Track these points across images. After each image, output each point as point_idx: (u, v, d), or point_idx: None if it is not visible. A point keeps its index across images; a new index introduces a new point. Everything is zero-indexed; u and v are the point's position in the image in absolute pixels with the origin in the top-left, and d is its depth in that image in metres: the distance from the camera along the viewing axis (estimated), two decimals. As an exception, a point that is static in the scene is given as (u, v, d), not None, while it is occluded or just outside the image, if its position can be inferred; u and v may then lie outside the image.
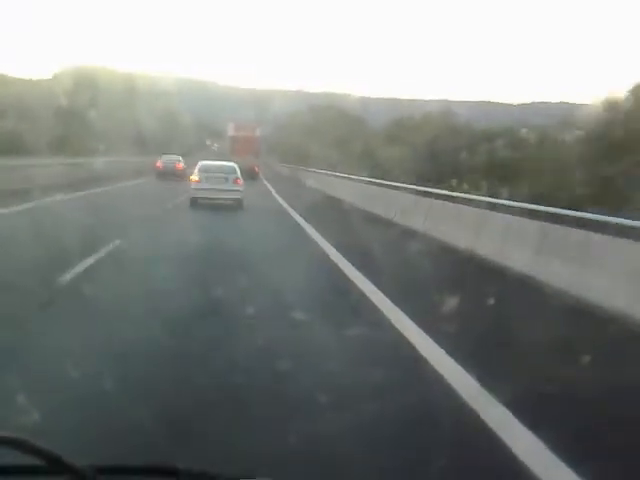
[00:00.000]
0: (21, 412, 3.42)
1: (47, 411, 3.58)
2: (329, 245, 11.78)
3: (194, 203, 18.58)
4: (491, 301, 7.12)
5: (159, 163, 36.20)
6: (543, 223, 9.14)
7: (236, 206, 18.69)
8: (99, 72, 50.73)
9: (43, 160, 25.20)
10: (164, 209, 17.26)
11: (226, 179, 19.02)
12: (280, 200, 24.18)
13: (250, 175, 42.46)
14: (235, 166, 20.25)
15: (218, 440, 3.62)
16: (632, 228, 7.50)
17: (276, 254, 10.80)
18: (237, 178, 19.17)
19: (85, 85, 42.70)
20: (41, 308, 6.38)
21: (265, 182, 37.91)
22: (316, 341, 5.71)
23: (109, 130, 38.70)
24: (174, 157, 37.99)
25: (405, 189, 17.62)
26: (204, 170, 19.26)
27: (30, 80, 49.02)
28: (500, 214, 10.99)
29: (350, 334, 5.77)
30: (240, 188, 19.08)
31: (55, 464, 1.30)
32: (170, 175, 33.07)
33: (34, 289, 6.89)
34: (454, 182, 25.45)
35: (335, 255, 10.63)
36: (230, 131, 48.46)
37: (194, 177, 19.08)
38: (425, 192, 15.73)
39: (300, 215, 17.53)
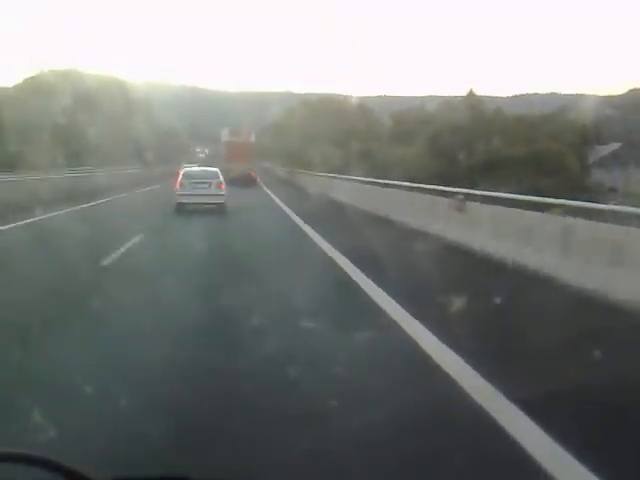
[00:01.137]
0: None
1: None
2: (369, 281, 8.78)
3: (180, 208, 19.25)
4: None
5: (180, 170, 43.06)
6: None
7: (219, 210, 19.29)
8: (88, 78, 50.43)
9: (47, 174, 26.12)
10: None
11: (209, 184, 19.71)
12: (287, 210, 21.61)
13: (247, 181, 41.26)
14: (217, 171, 20.94)
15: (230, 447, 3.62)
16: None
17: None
18: (220, 183, 19.96)
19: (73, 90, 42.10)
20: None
21: (269, 192, 34.34)
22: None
23: (102, 142, 39.93)
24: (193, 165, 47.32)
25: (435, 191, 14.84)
26: (188, 176, 20.01)
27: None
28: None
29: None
30: (223, 192, 19.85)
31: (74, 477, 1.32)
32: None
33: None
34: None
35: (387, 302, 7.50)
36: (224, 136, 47.11)
37: (178, 183, 19.75)
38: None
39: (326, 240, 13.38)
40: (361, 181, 22.62)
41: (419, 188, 15.88)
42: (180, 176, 20.10)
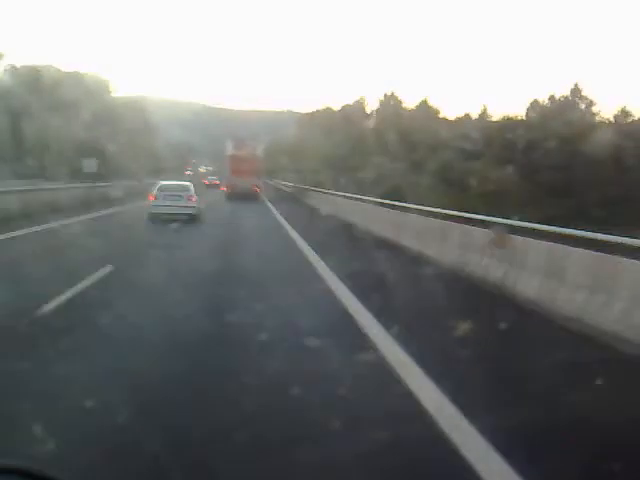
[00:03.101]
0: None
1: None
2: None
3: (153, 218, 20.53)
4: None
5: (206, 181, 67.15)
6: None
7: (190, 220, 20.67)
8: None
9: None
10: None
11: (180, 197, 21.18)
12: (295, 235, 18.37)
13: (251, 196, 39.55)
14: (190, 185, 22.44)
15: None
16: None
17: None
18: (191, 195, 21.43)
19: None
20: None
21: (274, 211, 31.79)
22: None
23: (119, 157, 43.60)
24: (214, 177, 67.54)
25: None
26: (161, 189, 21.30)
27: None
28: None
29: None
30: (194, 204, 21.43)
31: None
32: (212, 187, 57.94)
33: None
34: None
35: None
36: (228, 149, 43.76)
37: (152, 195, 21.15)
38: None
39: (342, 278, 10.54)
40: (379, 203, 20.08)
41: (451, 216, 13.46)
42: (154, 189, 21.32)
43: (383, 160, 38.20)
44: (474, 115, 63.10)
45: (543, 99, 62.64)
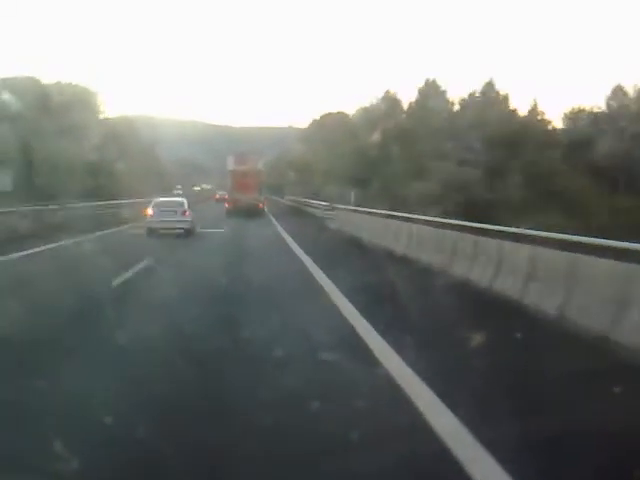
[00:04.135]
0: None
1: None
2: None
3: (150, 233, 22.19)
4: None
5: (217, 195, 69.19)
6: None
7: (185, 234, 22.35)
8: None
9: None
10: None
11: (175, 212, 23.02)
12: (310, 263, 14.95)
13: (254, 212, 38.18)
14: (184, 201, 24.31)
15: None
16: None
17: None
18: (185, 211, 23.20)
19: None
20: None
21: (279, 229, 29.13)
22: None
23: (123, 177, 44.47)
24: (222, 191, 62.22)
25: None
26: (157, 205, 23.29)
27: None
28: None
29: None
30: (188, 219, 23.16)
31: None
32: (221, 201, 54.78)
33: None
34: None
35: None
36: (230, 165, 42.99)
37: (149, 211, 23.13)
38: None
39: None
40: (404, 218, 17.87)
41: (480, 229, 12.05)
42: (152, 205, 23.29)
43: (447, 165, 29.94)
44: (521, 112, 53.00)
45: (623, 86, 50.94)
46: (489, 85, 57.29)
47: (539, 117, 52.28)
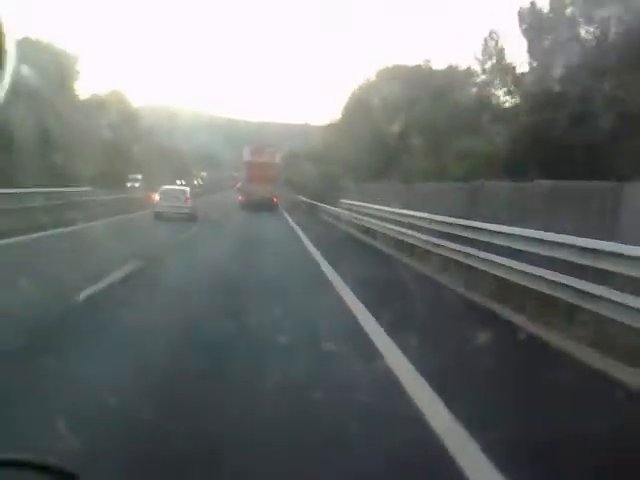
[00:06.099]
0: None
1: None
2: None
3: (157, 216, 25.22)
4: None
5: (239, 185, 65.11)
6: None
7: (188, 218, 24.72)
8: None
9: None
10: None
11: (178, 198, 26.11)
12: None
13: (267, 206, 36.46)
14: (186, 189, 28.15)
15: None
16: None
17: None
18: (187, 198, 26.44)
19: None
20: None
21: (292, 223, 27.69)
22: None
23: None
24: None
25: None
26: (163, 192, 26.62)
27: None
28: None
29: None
30: (190, 205, 26.28)
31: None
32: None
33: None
34: None
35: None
36: (246, 156, 40.33)
37: (156, 197, 26.47)
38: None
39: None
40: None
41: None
42: (159, 192, 26.63)
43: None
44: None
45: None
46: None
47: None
